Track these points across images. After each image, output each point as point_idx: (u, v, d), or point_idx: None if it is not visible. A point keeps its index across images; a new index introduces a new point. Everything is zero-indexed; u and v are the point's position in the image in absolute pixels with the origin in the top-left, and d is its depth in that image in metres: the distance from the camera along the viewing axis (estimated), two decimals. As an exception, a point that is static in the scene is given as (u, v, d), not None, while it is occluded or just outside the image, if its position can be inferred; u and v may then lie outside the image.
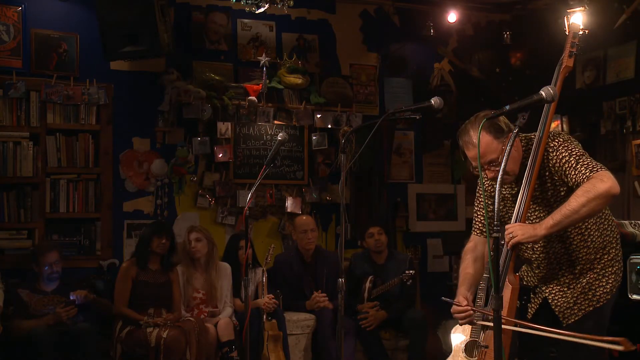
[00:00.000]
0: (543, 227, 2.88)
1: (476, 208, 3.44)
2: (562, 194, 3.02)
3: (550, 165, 3.02)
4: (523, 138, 3.11)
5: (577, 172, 2.92)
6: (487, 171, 3.10)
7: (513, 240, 2.90)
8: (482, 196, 3.33)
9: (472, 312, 3.09)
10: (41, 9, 5.82)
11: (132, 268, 5.42)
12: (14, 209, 5.65)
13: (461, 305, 3.12)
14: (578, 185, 2.89)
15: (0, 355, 4.78)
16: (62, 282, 5.30)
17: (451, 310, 3.18)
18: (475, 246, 3.42)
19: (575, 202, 2.84)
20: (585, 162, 2.93)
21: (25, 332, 4.88)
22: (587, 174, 2.88)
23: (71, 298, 5.11)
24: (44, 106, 5.75)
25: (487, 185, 3.28)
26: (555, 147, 3.02)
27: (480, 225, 3.42)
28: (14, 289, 5.14)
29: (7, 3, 5.70)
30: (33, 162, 5.70)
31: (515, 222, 2.98)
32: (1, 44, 5.69)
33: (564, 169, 2.97)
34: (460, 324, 3.19)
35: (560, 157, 2.99)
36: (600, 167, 2.91)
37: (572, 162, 2.95)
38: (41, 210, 5.72)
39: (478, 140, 2.65)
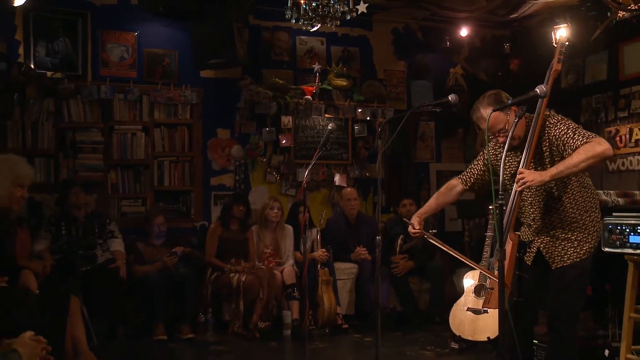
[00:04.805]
0: (548, 174, 2.81)
1: (472, 165, 3.36)
2: (557, 162, 2.95)
3: (551, 136, 2.96)
4: (528, 116, 3.04)
5: (574, 140, 2.85)
6: (498, 137, 3.06)
7: (526, 185, 2.83)
8: (483, 159, 3.27)
9: (421, 233, 3.21)
10: (150, 33, 5.88)
11: (218, 228, 5.49)
12: (131, 183, 5.75)
13: (414, 228, 3.23)
14: (578, 148, 2.82)
15: (125, 292, 4.89)
16: (167, 238, 5.38)
17: (408, 229, 3.29)
18: (455, 186, 3.38)
19: (577, 157, 2.77)
20: (582, 132, 2.88)
21: (142, 275, 5.02)
22: (585, 140, 2.83)
23: (173, 250, 5.17)
24: (152, 106, 5.82)
25: (492, 157, 3.22)
26: (554, 123, 2.97)
27: (466, 178, 3.33)
28: (134, 243, 5.28)
29: (127, 30, 5.81)
30: (145, 148, 5.77)
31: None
32: (123, 61, 5.79)
33: (563, 139, 2.90)
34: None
35: (560, 130, 2.93)
36: (595, 135, 2.86)
37: (570, 133, 2.89)
38: (151, 184, 5.80)
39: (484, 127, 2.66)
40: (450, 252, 3.18)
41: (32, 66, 5.44)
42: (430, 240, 3.17)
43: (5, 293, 3.09)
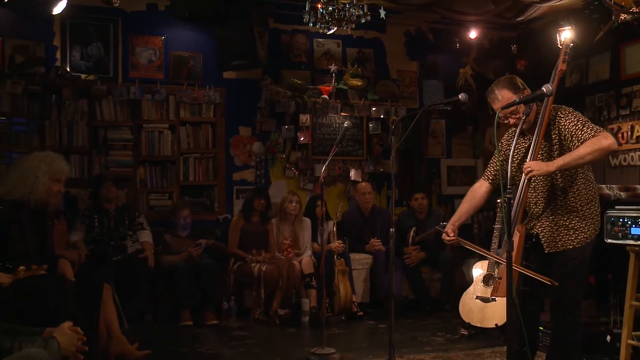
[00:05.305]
0: (554, 164, 2.79)
1: (490, 162, 3.31)
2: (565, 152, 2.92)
3: (561, 126, 2.92)
4: (539, 104, 3.00)
5: (583, 133, 2.82)
6: (509, 119, 2.98)
7: (531, 174, 2.79)
8: (497, 156, 3.25)
9: (456, 240, 3.10)
10: (176, 37, 5.92)
11: (240, 221, 5.51)
12: (159, 178, 5.79)
13: (449, 236, 3.13)
14: (585, 141, 2.79)
15: (153, 280, 4.95)
16: (192, 230, 5.42)
17: (442, 237, 3.18)
18: (480, 186, 3.28)
19: (583, 150, 2.75)
20: (591, 126, 2.85)
21: (169, 264, 5.06)
22: (593, 133, 2.80)
23: (198, 242, 5.21)
24: (178, 105, 5.86)
25: (505, 148, 3.18)
26: (565, 114, 2.94)
27: (488, 174, 3.25)
28: (161, 234, 5.33)
29: (155, 34, 5.85)
30: (171, 145, 5.81)
31: (531, 160, 2.89)
32: (151, 63, 5.82)
33: (571, 131, 2.87)
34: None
35: (570, 121, 2.90)
36: (603, 130, 2.83)
37: (580, 125, 2.86)
38: (177, 179, 5.83)
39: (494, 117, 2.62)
40: (485, 254, 3.14)
41: (68, 69, 5.53)
42: (466, 246, 3.09)
43: (46, 280, 3.16)
